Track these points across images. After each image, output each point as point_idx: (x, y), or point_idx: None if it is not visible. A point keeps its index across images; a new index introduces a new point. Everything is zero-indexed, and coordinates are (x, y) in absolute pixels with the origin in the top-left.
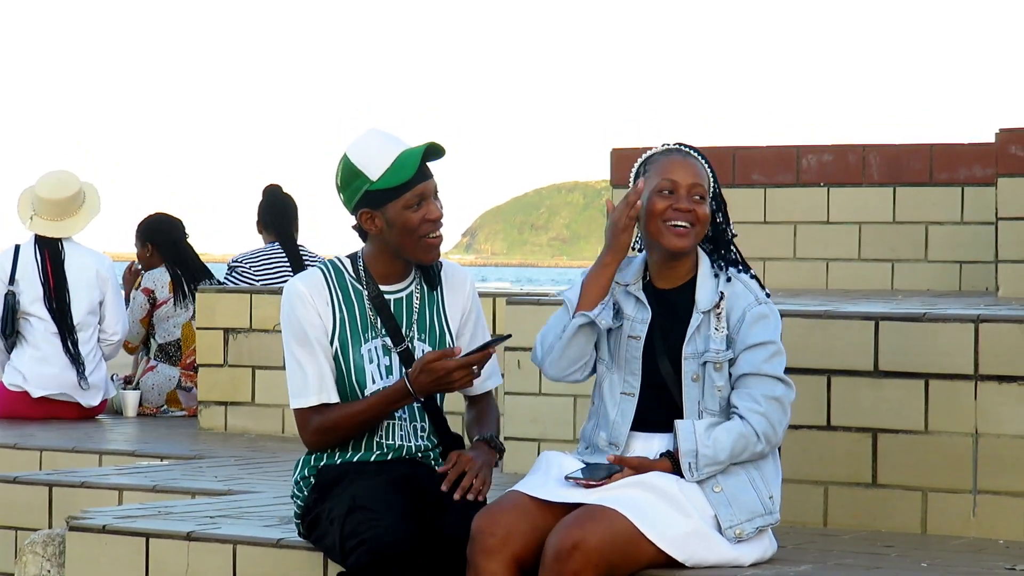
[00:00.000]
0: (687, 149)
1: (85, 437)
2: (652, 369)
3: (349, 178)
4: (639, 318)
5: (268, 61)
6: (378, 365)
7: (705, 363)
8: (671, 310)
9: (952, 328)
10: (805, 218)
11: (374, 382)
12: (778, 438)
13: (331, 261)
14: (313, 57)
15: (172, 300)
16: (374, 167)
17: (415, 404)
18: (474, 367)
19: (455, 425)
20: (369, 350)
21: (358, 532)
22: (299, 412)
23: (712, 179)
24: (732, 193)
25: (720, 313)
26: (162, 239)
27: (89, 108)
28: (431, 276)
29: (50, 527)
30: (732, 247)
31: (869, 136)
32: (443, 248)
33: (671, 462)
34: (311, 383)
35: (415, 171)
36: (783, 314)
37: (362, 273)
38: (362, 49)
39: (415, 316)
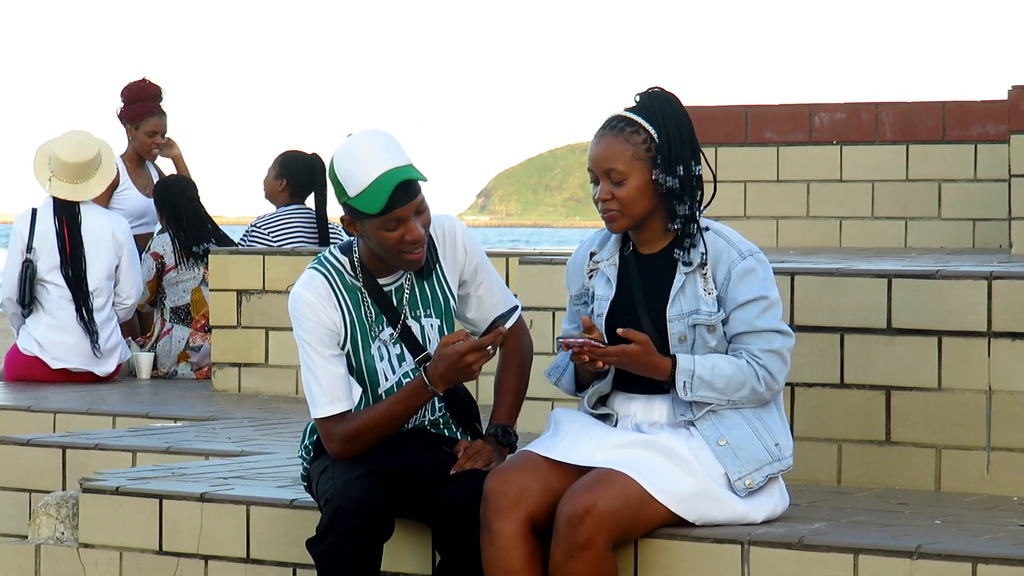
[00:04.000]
0: (615, 121)
1: (98, 399)
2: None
3: (333, 182)
4: (603, 296)
5: (272, 57)
6: (389, 360)
7: (695, 325)
8: (655, 273)
9: (965, 285)
10: (818, 176)
11: (387, 379)
12: (779, 386)
13: (328, 260)
14: (315, 50)
15: (176, 264)
16: (352, 184)
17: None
18: (488, 348)
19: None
20: (378, 348)
21: (324, 492)
22: (321, 423)
23: (651, 142)
24: (744, 152)
25: (706, 273)
26: (164, 203)
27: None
28: (427, 259)
29: (63, 489)
30: (690, 206)
31: (881, 94)
32: (458, 209)
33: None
34: (327, 392)
35: (386, 202)
36: (795, 272)
37: (358, 268)
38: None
39: (417, 296)
